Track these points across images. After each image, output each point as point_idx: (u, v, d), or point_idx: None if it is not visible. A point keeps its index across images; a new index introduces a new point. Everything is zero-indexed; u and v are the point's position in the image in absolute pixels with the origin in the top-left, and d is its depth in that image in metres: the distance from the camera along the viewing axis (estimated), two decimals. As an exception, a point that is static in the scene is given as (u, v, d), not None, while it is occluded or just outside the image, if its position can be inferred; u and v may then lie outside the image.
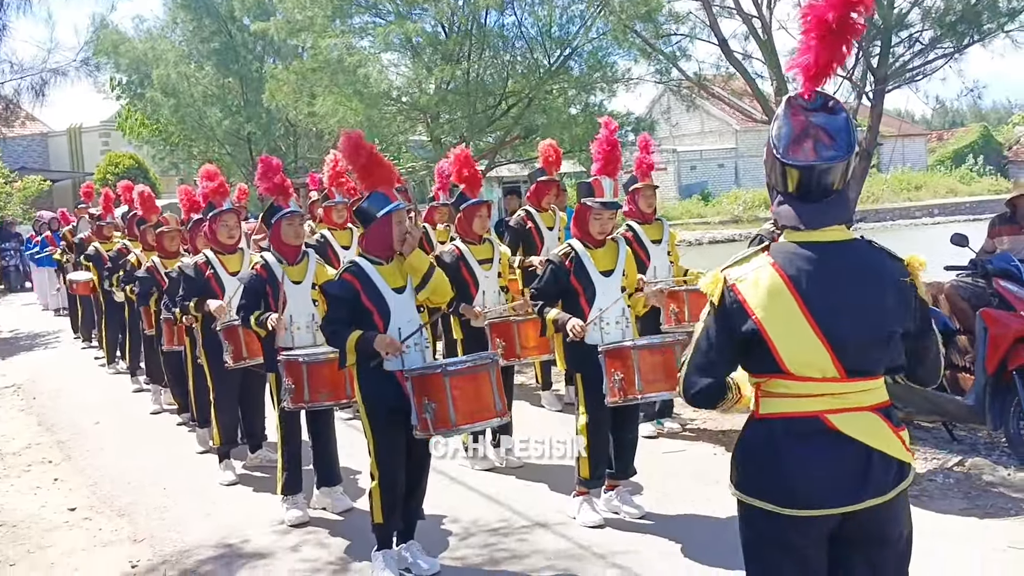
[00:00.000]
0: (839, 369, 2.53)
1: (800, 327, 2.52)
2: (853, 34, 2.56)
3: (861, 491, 2.53)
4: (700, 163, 46.22)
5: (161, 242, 8.26)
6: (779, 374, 2.56)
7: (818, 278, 2.53)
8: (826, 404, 2.54)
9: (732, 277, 2.60)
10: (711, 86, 12.20)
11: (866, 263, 2.61)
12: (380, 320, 4.67)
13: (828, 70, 2.59)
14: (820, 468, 2.53)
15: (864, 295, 2.56)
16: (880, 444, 2.56)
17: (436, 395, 4.50)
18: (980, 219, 26.63)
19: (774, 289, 2.54)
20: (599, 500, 5.47)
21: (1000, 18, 8.75)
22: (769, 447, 2.58)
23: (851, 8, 2.50)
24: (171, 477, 6.88)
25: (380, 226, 4.74)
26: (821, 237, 2.58)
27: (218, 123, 21.38)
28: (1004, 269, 6.05)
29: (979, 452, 6.22)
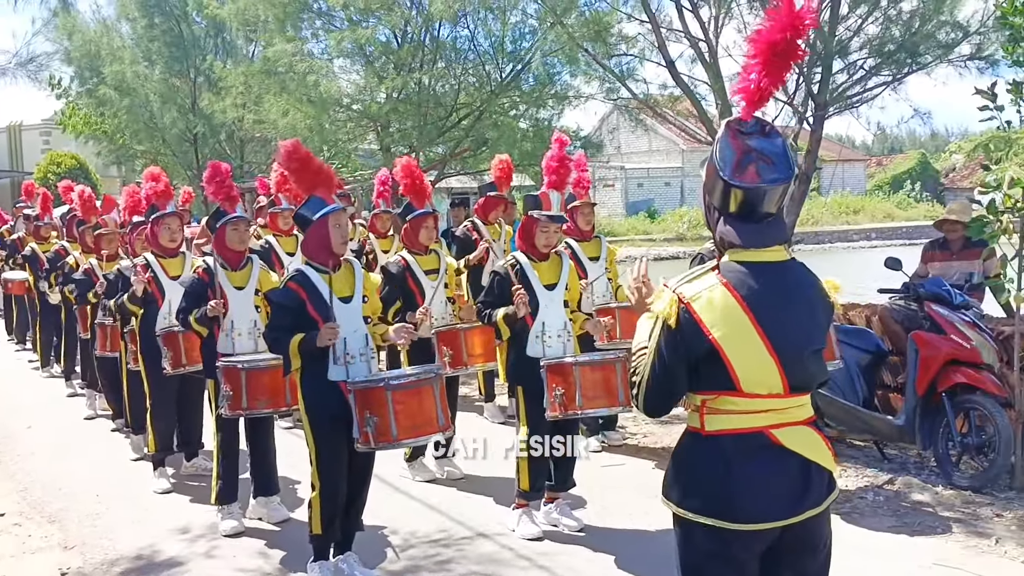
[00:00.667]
0: (784, 385, 2.61)
1: (754, 345, 2.58)
2: (795, 59, 2.65)
3: (803, 503, 2.62)
4: (647, 181, 46.78)
5: (99, 244, 8.12)
6: (730, 391, 2.61)
7: (765, 297, 2.61)
8: (770, 419, 2.62)
9: (686, 296, 2.62)
10: (658, 106, 12.37)
11: (802, 283, 2.72)
12: None
13: (769, 95, 2.67)
14: (767, 483, 2.60)
15: (803, 313, 2.67)
16: (816, 456, 2.65)
17: (378, 409, 4.47)
18: (916, 244, 27.29)
19: (728, 308, 2.59)
20: (538, 512, 5.49)
21: (937, 49, 9.06)
22: (719, 464, 2.62)
23: (797, 34, 2.58)
24: (104, 484, 6.75)
25: (317, 229, 4.69)
26: (762, 257, 2.65)
27: (172, 124, 21.02)
28: (935, 293, 6.24)
29: (909, 471, 6.37)
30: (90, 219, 8.65)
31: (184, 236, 6.81)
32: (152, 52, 21.36)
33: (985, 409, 5.81)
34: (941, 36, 9.07)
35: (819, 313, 2.74)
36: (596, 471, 6.47)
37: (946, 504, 5.69)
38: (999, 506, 5.59)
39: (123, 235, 7.88)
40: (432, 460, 6.62)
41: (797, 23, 2.56)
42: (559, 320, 5.40)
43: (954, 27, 9.10)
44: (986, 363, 5.95)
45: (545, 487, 5.46)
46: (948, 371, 5.94)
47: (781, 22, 2.57)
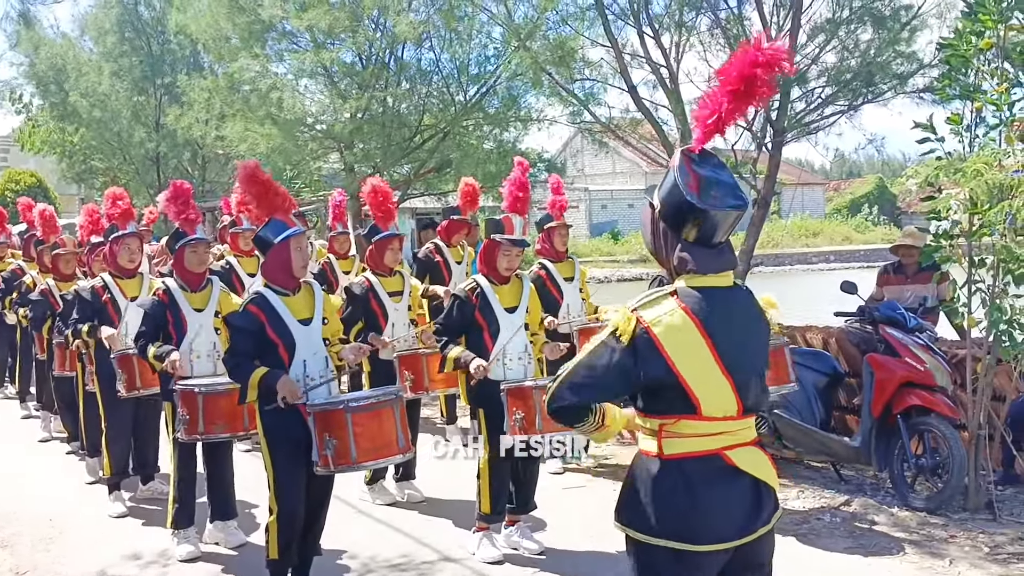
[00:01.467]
0: (739, 407, 2.68)
1: (712, 369, 2.64)
2: (765, 95, 2.69)
3: (755, 522, 2.68)
4: (610, 202, 47.11)
5: (56, 264, 8.01)
6: (690, 415, 2.65)
7: (720, 321, 2.67)
8: (725, 441, 2.68)
9: (647, 319, 2.65)
10: (620, 130, 12.52)
11: (749, 307, 2.82)
12: (285, 353, 4.58)
13: (726, 127, 2.74)
14: (726, 504, 2.65)
15: (751, 336, 2.77)
16: (765, 475, 2.72)
17: (338, 431, 4.44)
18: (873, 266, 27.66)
19: (688, 333, 2.64)
20: (499, 535, 5.49)
21: (893, 80, 9.29)
22: (681, 488, 2.65)
23: (772, 69, 2.63)
24: (58, 508, 6.63)
25: (278, 252, 4.67)
26: (714, 282, 2.71)
27: (135, 141, 20.81)
28: (890, 317, 6.35)
29: (865, 492, 6.45)
30: (49, 239, 8.54)
31: (143, 256, 6.75)
32: (121, 68, 21.19)
33: (939, 431, 5.90)
34: (896, 67, 9.30)
35: (763, 335, 2.86)
36: (557, 493, 6.48)
37: (901, 525, 5.77)
38: (953, 527, 5.68)
39: (80, 255, 7.80)
40: (392, 483, 6.59)
41: (773, 60, 2.61)
42: (520, 343, 5.41)
43: (908, 58, 9.33)
44: (940, 385, 6.05)
45: (506, 510, 5.46)
46: (903, 393, 6.04)
47: (754, 57, 2.61)
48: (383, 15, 14.58)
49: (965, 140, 5.91)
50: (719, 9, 9.76)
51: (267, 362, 4.55)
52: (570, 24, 11.51)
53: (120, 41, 21.21)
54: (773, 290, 2.91)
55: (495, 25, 13.23)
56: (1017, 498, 6.13)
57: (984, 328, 5.85)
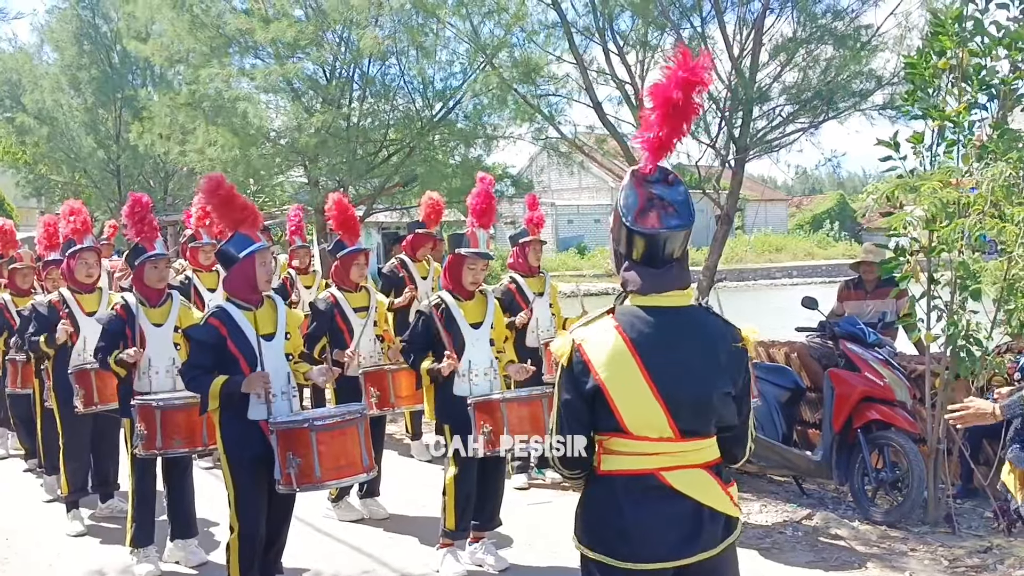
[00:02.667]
0: (674, 429, 2.65)
1: (640, 388, 2.63)
2: (693, 113, 2.72)
3: (693, 545, 2.65)
4: (577, 217, 47.32)
5: (13, 279, 7.88)
6: (619, 433, 2.67)
7: (657, 341, 2.66)
8: (661, 462, 2.66)
9: (579, 338, 2.70)
10: (586, 146, 12.58)
11: (700, 327, 2.76)
12: (247, 368, 4.53)
13: (670, 145, 2.74)
14: (655, 523, 2.64)
15: (698, 358, 2.70)
16: (710, 500, 2.68)
17: (302, 450, 4.39)
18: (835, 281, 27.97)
19: (616, 351, 2.65)
20: (463, 552, 5.46)
21: (852, 98, 9.43)
22: (609, 502, 2.68)
23: (692, 89, 2.65)
24: (14, 526, 6.52)
25: (244, 267, 4.62)
26: (661, 302, 2.70)
27: (91, 153, 20.53)
28: (850, 332, 6.43)
29: (827, 506, 6.51)
30: (7, 253, 8.40)
31: (101, 271, 6.65)
32: (80, 81, 20.95)
33: (899, 445, 5.98)
34: (855, 85, 9.44)
35: (720, 357, 2.71)
36: (522, 510, 6.47)
37: (862, 539, 5.82)
38: (913, 540, 5.74)
39: (37, 269, 7.67)
40: (356, 500, 6.54)
41: (692, 80, 2.64)
42: (485, 358, 5.41)
43: (868, 77, 9.48)
44: (899, 400, 6.14)
45: (471, 526, 5.44)
46: (863, 408, 6.11)
47: (676, 78, 2.65)
48: (348, 29, 14.57)
49: (926, 159, 6.01)
50: (682, 28, 9.86)
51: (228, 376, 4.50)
52: (536, 41, 11.57)
53: (79, 54, 20.98)
54: (736, 305, 2.91)
55: (461, 41, 13.26)
56: (975, 511, 6.21)
57: (942, 343, 5.93)
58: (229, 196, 4.75)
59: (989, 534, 5.77)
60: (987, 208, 5.46)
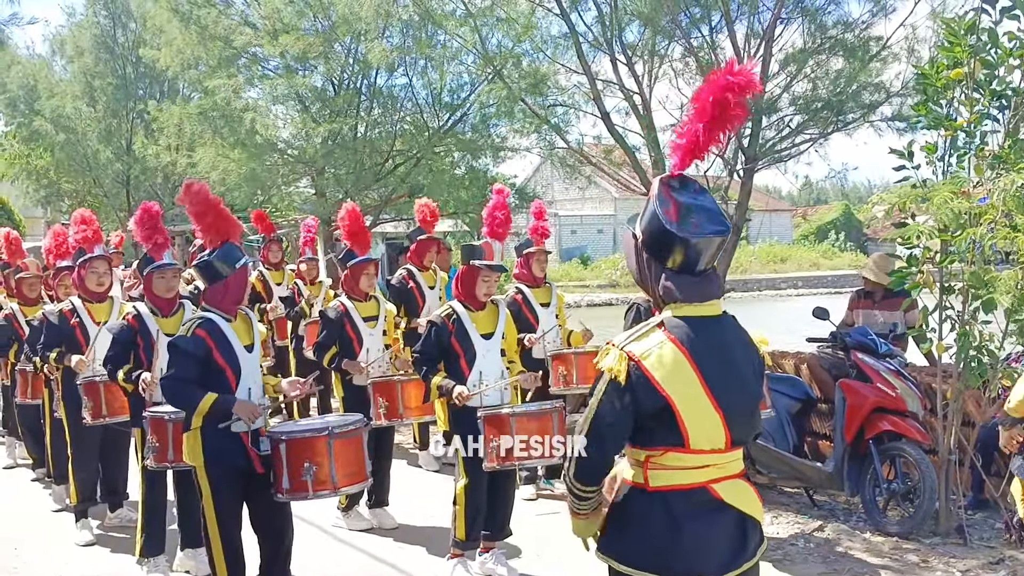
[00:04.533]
0: (727, 440, 2.63)
1: (703, 401, 2.60)
2: (737, 120, 2.68)
3: (742, 556, 2.65)
4: (580, 228, 47.36)
5: (20, 289, 7.89)
6: (677, 447, 2.61)
7: (711, 352, 2.63)
8: (711, 474, 2.64)
9: (636, 354, 2.61)
10: (592, 156, 12.60)
11: (737, 336, 2.76)
12: (233, 378, 4.47)
13: (704, 152, 2.72)
14: (710, 537, 2.62)
15: (741, 367, 2.70)
16: (750, 509, 2.68)
17: (318, 458, 4.39)
18: (841, 292, 28.08)
19: (678, 365, 2.59)
20: (473, 562, 5.44)
21: (862, 109, 9.44)
22: (663, 519, 2.62)
23: (739, 94, 2.62)
24: (23, 535, 6.50)
25: (237, 279, 4.56)
26: (700, 312, 2.67)
27: (109, 163, 20.61)
28: (861, 342, 6.40)
29: (838, 518, 6.48)
30: (14, 263, 8.42)
31: (114, 279, 6.66)
32: (95, 89, 21.04)
33: (910, 456, 5.95)
34: (865, 97, 9.45)
35: (754, 366, 2.78)
36: (531, 520, 6.45)
37: (874, 550, 5.79)
38: (925, 551, 5.71)
39: (46, 278, 7.69)
40: (366, 509, 6.52)
41: (739, 84, 2.61)
42: (496, 369, 5.40)
43: (876, 88, 9.49)
44: (911, 411, 6.11)
45: (481, 536, 5.42)
46: (874, 419, 6.08)
47: (722, 82, 2.61)
48: (356, 41, 14.63)
49: (939, 169, 6.01)
50: (692, 37, 9.89)
51: (213, 389, 4.41)
52: (544, 52, 11.59)
53: (95, 63, 21.09)
54: (742, 316, 2.87)
55: (469, 52, 13.30)
56: (987, 523, 6.18)
57: (954, 354, 5.92)
58: (214, 207, 4.69)
59: (1001, 545, 5.74)
60: (999, 218, 5.44)
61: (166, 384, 4.55)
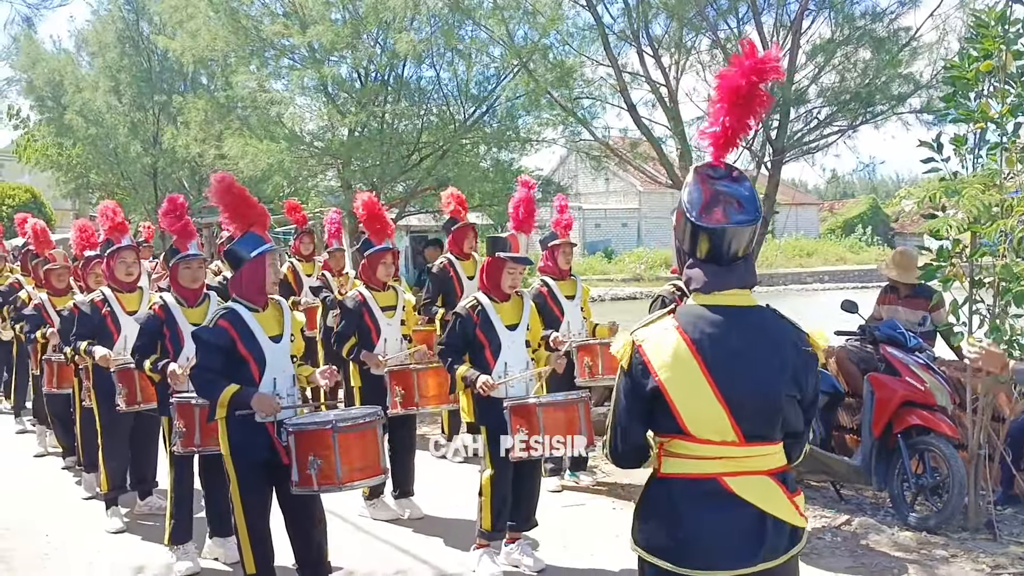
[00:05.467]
0: (737, 433, 2.58)
1: (701, 390, 2.57)
2: (761, 105, 2.65)
3: (754, 555, 2.58)
4: (604, 221, 47.21)
5: (49, 279, 7.99)
6: (680, 435, 2.61)
7: (721, 342, 2.59)
8: (724, 467, 2.59)
9: (639, 339, 2.65)
10: (619, 149, 12.56)
11: (768, 329, 2.68)
12: (256, 370, 4.49)
13: (736, 140, 2.68)
14: (716, 530, 2.57)
15: (764, 360, 2.62)
16: (774, 509, 2.61)
17: (323, 451, 4.34)
18: (867, 287, 27.81)
19: (677, 352, 2.59)
20: (499, 553, 5.46)
21: (890, 101, 9.34)
22: (668, 506, 2.62)
23: (761, 79, 2.60)
24: (54, 523, 6.58)
25: (253, 267, 4.56)
26: (727, 301, 2.64)
27: (137, 156, 20.84)
28: (890, 336, 6.35)
29: (865, 512, 6.44)
30: (43, 253, 8.53)
31: (141, 270, 6.72)
32: (120, 83, 21.24)
33: (939, 450, 5.90)
34: (893, 88, 9.35)
35: (787, 361, 2.65)
36: (556, 512, 6.45)
37: (902, 545, 5.75)
38: (953, 547, 5.67)
39: (75, 268, 7.78)
40: (391, 499, 6.56)
41: (760, 69, 2.58)
42: (521, 360, 5.41)
43: (905, 80, 9.39)
44: (940, 405, 6.06)
45: (507, 527, 5.43)
46: (903, 413, 6.04)
47: (743, 68, 2.59)
48: (383, 32, 14.65)
49: (968, 161, 5.94)
50: (718, 29, 9.82)
51: (237, 379, 4.44)
52: (571, 44, 11.56)
53: (120, 56, 21.29)
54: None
55: (496, 44, 13.28)
56: (1017, 518, 6.12)
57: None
58: (239, 196, 4.74)
59: (1031, 541, 5.69)
60: (1031, 211, 5.38)
61: (193, 374, 4.62)
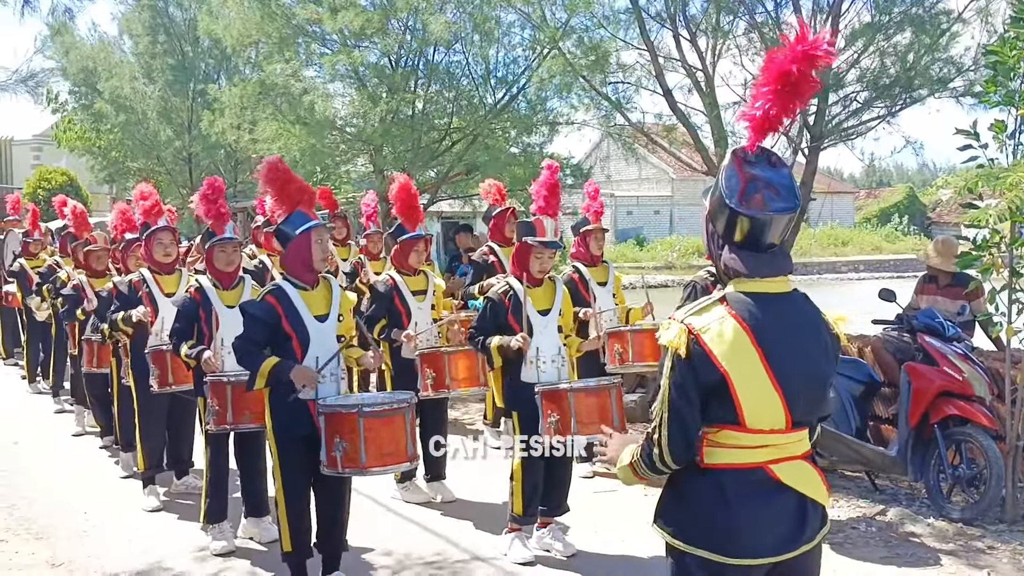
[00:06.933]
0: (788, 420, 2.56)
1: (762, 379, 2.53)
2: (811, 91, 2.57)
3: (798, 539, 2.58)
4: (636, 208, 46.96)
5: (88, 261, 8.10)
6: (733, 425, 2.55)
7: (772, 329, 2.55)
8: (769, 455, 2.58)
9: (696, 328, 2.55)
10: (653, 135, 12.45)
11: (806, 314, 2.66)
12: (299, 347, 4.56)
13: (777, 124, 2.61)
14: (764, 519, 2.56)
15: (808, 346, 2.60)
16: (812, 492, 2.61)
17: (348, 434, 4.39)
18: (903, 277, 27.49)
19: (738, 340, 2.53)
20: (531, 537, 5.47)
21: (931, 85, 9.16)
22: (717, 498, 2.58)
23: (813, 65, 2.50)
24: (92, 501, 6.69)
25: (298, 244, 4.64)
26: (766, 288, 2.60)
27: (168, 142, 21.06)
28: (929, 325, 6.26)
29: (900, 502, 6.38)
30: (82, 235, 8.63)
31: (178, 252, 6.78)
32: (153, 69, 21.43)
33: (976, 442, 5.83)
34: (934, 72, 9.18)
35: (826, 345, 2.66)
36: (588, 497, 6.45)
37: (937, 536, 5.69)
38: (990, 538, 5.60)
39: (114, 251, 7.87)
40: (423, 482, 6.59)
41: (811, 53, 2.49)
42: (553, 345, 5.40)
43: (947, 63, 9.21)
44: (978, 395, 5.98)
45: (538, 512, 5.44)
46: (940, 403, 5.96)
47: (795, 52, 2.50)
48: (414, 17, 14.63)
49: (1008, 147, 5.83)
50: (756, 12, 9.69)
51: (280, 355, 4.53)
52: (605, 27, 11.46)
53: (153, 43, 21.47)
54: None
55: (526, 27, 13.21)
56: (1055, 511, 6.03)
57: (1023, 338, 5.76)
58: (288, 176, 4.79)
59: (1071, 534, 5.60)
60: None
61: (236, 344, 4.69)
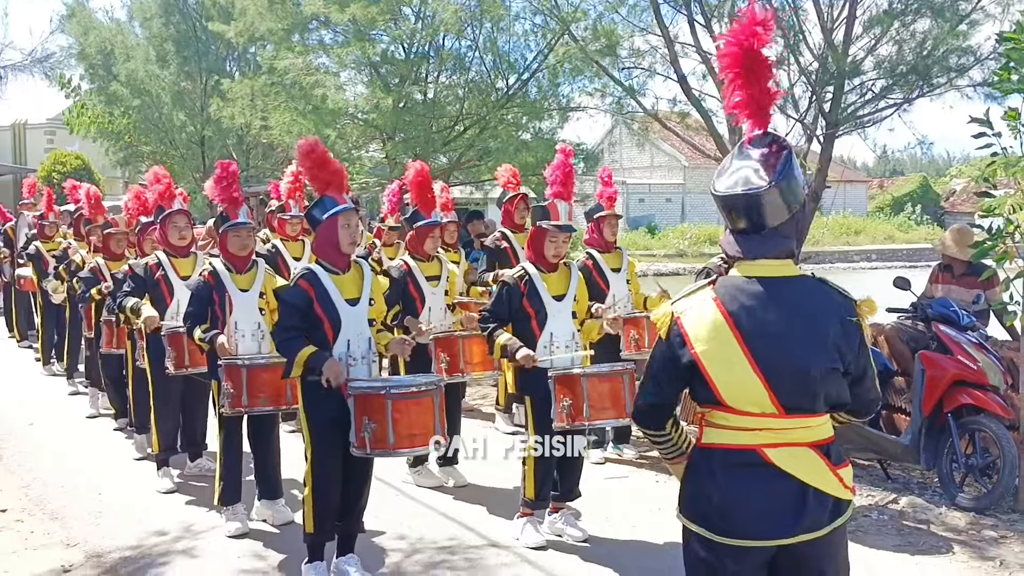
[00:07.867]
0: (776, 405, 2.57)
1: (737, 363, 2.57)
2: (763, 71, 2.67)
3: (794, 526, 2.57)
4: (648, 196, 46.83)
5: (108, 244, 8.14)
6: (718, 406, 2.63)
7: (758, 314, 2.58)
8: (764, 438, 2.60)
9: (678, 310, 2.69)
10: (666, 121, 12.39)
11: (809, 299, 2.64)
12: (331, 331, 4.61)
13: (764, 108, 2.69)
14: (754, 500, 2.59)
15: (802, 332, 2.59)
16: (815, 481, 2.60)
17: (377, 416, 4.43)
18: (916, 266, 27.34)
19: (714, 323, 2.61)
20: (543, 522, 5.49)
21: (949, 73, 9.09)
22: (707, 476, 2.65)
23: (755, 42, 2.62)
24: (106, 482, 6.74)
25: (327, 228, 4.69)
26: (766, 272, 2.63)
27: (182, 126, 21.12)
28: (943, 314, 6.24)
29: (912, 491, 6.37)
30: (96, 219, 8.66)
31: (193, 235, 6.80)
32: (166, 52, 21.46)
33: (990, 431, 5.81)
34: (952, 60, 9.10)
35: (830, 332, 2.60)
36: (599, 483, 6.46)
37: (950, 525, 5.69)
38: (1003, 528, 5.59)
39: (130, 236, 7.90)
40: (436, 467, 6.61)
41: (750, 32, 2.61)
42: (567, 331, 5.40)
43: (964, 52, 9.13)
44: (992, 384, 5.96)
45: (550, 497, 5.46)
46: (954, 392, 5.95)
47: (735, 35, 2.64)
48: (423, 4, 14.60)
49: (1022, 135, 5.78)
50: (771, -1, 9.62)
51: (311, 338, 4.59)
52: (619, 12, 11.39)
53: (165, 26, 21.48)
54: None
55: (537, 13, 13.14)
56: (1068, 501, 6.01)
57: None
58: (323, 158, 4.81)
59: (1084, 524, 5.59)
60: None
61: (274, 332, 4.77)
